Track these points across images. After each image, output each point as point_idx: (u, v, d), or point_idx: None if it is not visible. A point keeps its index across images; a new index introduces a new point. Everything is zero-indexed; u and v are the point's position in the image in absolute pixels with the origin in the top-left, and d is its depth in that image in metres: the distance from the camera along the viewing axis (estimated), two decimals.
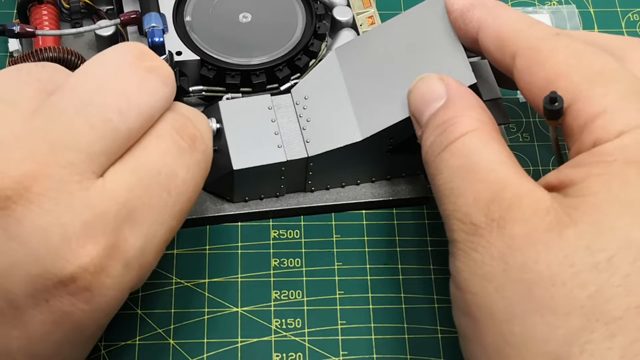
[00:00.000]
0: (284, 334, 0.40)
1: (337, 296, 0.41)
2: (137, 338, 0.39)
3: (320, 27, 0.45)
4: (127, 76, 0.32)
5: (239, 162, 0.40)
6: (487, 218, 0.32)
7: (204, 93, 0.43)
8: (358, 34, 0.46)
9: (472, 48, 0.39)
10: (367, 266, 0.42)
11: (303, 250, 0.42)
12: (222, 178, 0.41)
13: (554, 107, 0.33)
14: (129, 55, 0.33)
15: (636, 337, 0.28)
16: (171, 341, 0.39)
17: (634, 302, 0.29)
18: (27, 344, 0.31)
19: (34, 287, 0.29)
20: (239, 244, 0.42)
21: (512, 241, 0.31)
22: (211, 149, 0.35)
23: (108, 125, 0.31)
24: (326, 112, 0.42)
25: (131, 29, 0.44)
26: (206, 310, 0.40)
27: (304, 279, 0.41)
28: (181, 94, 0.42)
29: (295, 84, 0.43)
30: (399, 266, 0.42)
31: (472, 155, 0.34)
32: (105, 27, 0.44)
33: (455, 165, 0.34)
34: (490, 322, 0.31)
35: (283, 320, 0.40)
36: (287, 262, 0.42)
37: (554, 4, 0.52)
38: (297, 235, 0.43)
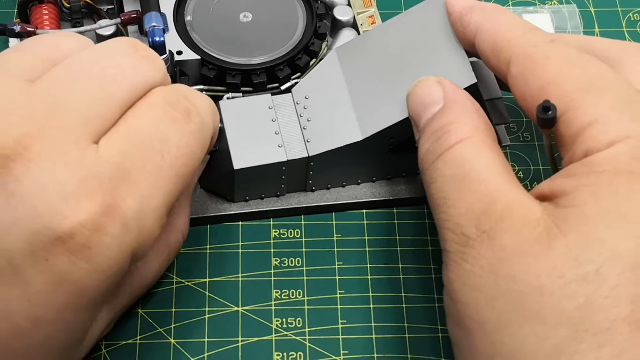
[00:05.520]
0: (285, 333, 0.40)
1: (338, 295, 0.41)
2: (138, 337, 0.39)
3: (321, 27, 0.45)
4: (123, 56, 0.34)
5: (239, 161, 0.40)
6: (477, 229, 0.32)
7: (204, 92, 0.43)
8: (359, 33, 0.46)
9: (471, 51, 0.39)
10: (368, 265, 0.42)
11: (304, 249, 0.42)
12: (222, 177, 0.41)
13: (547, 116, 0.33)
14: (126, 43, 0.35)
15: (624, 347, 0.28)
16: (172, 340, 0.39)
17: (621, 313, 0.29)
18: (27, 306, 0.30)
19: (33, 245, 0.30)
20: (240, 244, 0.42)
21: (502, 252, 0.31)
22: (209, 125, 0.36)
23: (103, 92, 0.32)
24: (327, 112, 0.42)
25: (132, 29, 0.44)
26: (207, 309, 0.40)
27: (305, 278, 0.41)
28: None
29: (296, 83, 0.43)
30: (399, 265, 0.42)
31: (465, 164, 0.34)
32: (106, 27, 0.44)
33: (448, 175, 0.34)
34: (481, 332, 0.31)
35: (284, 320, 0.40)
36: (288, 262, 0.42)
37: (554, 4, 0.52)
38: (297, 234, 0.43)
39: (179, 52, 0.43)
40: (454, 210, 0.33)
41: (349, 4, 0.47)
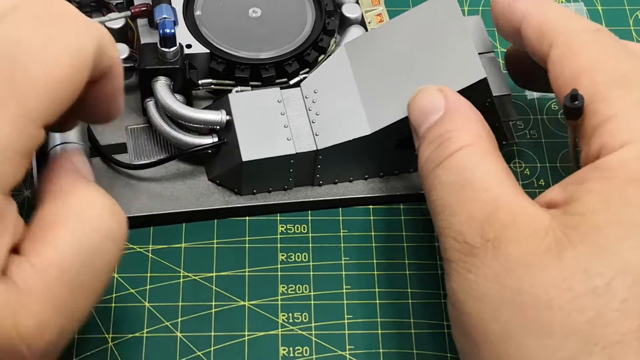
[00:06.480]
0: (291, 327, 0.40)
1: (344, 291, 0.41)
2: (145, 330, 0.39)
3: (330, 23, 0.45)
4: None
5: (248, 153, 0.40)
6: (481, 238, 0.31)
7: (213, 86, 0.43)
8: (367, 31, 0.46)
9: (513, 37, 0.39)
10: (374, 261, 0.42)
11: (310, 245, 0.42)
12: (230, 169, 0.41)
13: (574, 105, 0.32)
14: None
15: None
16: (178, 334, 0.39)
17: (632, 326, 0.28)
18: None
19: None
20: (247, 238, 0.42)
21: (507, 263, 0.30)
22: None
23: None
24: (335, 106, 0.42)
25: (141, 22, 0.44)
26: (213, 303, 0.40)
27: (311, 273, 0.42)
28: (190, 87, 0.43)
29: (304, 79, 0.43)
30: (406, 261, 0.42)
31: (467, 172, 0.33)
32: (115, 20, 0.44)
33: (449, 182, 0.34)
34: (485, 342, 0.31)
35: (290, 314, 0.40)
36: (295, 257, 0.42)
37: (562, 2, 0.52)
38: (304, 230, 0.43)
39: (189, 46, 0.43)
40: (455, 218, 0.33)
41: (357, 2, 0.47)
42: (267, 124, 0.41)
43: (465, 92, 0.39)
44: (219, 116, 0.41)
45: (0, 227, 0.29)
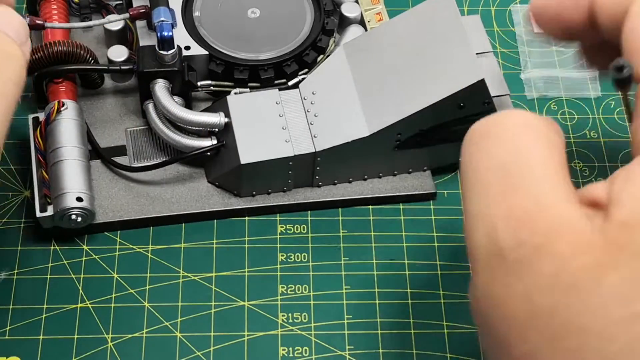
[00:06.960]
0: (291, 328, 0.40)
1: (344, 291, 0.41)
2: (144, 330, 0.39)
3: (329, 23, 0.45)
4: None
5: (246, 156, 0.40)
6: (515, 242, 0.27)
7: (212, 88, 0.43)
8: (366, 30, 0.46)
9: (576, 26, 0.34)
10: (374, 261, 0.42)
11: (310, 245, 0.42)
12: (230, 172, 0.41)
13: (621, 75, 0.29)
14: None
15: None
16: (178, 334, 0.39)
17: None
18: None
19: None
20: (246, 239, 0.42)
21: (541, 279, 0.27)
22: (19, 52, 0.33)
23: None
24: (334, 107, 0.42)
25: (140, 24, 0.44)
26: (213, 303, 0.40)
27: (311, 273, 0.42)
28: (189, 89, 0.43)
29: (303, 79, 0.43)
30: (405, 261, 0.42)
31: (522, 152, 0.28)
32: (114, 22, 0.44)
33: (497, 158, 0.29)
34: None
35: (289, 315, 0.40)
36: (294, 257, 0.42)
37: None
38: (304, 230, 0.43)
39: (187, 48, 0.43)
40: (493, 207, 0.28)
41: (357, 1, 0.47)
42: (265, 126, 0.41)
43: (463, 93, 0.39)
44: (217, 118, 0.41)
45: None
